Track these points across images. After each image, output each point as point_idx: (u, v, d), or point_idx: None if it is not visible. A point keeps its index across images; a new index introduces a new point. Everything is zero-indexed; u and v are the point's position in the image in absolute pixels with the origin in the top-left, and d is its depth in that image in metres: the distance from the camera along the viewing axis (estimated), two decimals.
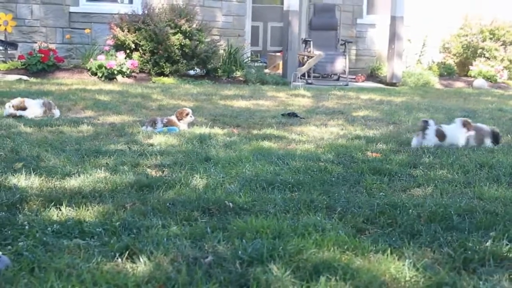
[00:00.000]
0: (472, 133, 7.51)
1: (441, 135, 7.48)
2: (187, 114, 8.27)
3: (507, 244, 3.96)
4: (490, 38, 18.49)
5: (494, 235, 4.15)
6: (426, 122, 7.55)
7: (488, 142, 7.60)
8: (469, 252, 3.81)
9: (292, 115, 9.85)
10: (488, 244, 3.97)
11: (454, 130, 7.54)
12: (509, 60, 18.46)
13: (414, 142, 7.49)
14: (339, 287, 3.32)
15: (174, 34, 14.59)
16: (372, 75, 18.05)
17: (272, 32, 19.41)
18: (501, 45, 18.39)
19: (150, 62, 14.70)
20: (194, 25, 15.12)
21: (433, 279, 3.43)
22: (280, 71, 16.57)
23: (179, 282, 3.31)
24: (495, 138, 7.69)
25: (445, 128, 7.62)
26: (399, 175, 5.93)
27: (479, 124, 7.91)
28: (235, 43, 16.56)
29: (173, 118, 8.28)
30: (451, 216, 4.55)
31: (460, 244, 3.96)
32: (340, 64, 16.78)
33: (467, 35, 18.69)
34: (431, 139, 7.42)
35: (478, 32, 18.59)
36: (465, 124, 7.53)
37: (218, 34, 16.93)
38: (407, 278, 3.44)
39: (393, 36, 16.55)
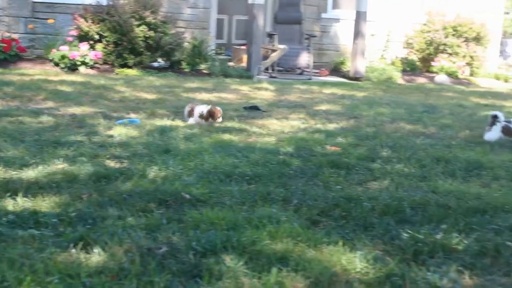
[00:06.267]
0: None
1: (508, 131, 7.78)
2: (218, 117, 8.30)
3: (457, 237, 4.06)
4: (453, 35, 18.64)
5: (445, 227, 4.24)
6: (495, 116, 7.82)
7: None
8: (420, 244, 3.89)
9: (254, 108, 9.87)
10: (438, 236, 4.06)
11: None
12: (471, 57, 18.66)
13: (487, 136, 7.82)
14: (290, 277, 3.36)
15: (139, 25, 14.51)
16: (336, 70, 18.13)
17: (237, 25, 19.39)
18: (463, 42, 18.54)
19: (113, 54, 14.60)
20: (159, 17, 15.05)
21: (382, 270, 3.50)
22: (244, 64, 16.57)
23: (132, 273, 3.33)
24: None
25: None
26: (357, 168, 6.01)
27: None
28: (200, 35, 16.53)
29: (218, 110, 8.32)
30: (405, 209, 4.64)
31: (411, 236, 4.04)
32: (304, 58, 16.83)
33: (430, 31, 18.84)
34: (497, 133, 7.76)
35: (441, 28, 18.73)
36: None
37: (183, 26, 16.88)
38: (358, 269, 3.50)
39: (358, 31, 16.66)
